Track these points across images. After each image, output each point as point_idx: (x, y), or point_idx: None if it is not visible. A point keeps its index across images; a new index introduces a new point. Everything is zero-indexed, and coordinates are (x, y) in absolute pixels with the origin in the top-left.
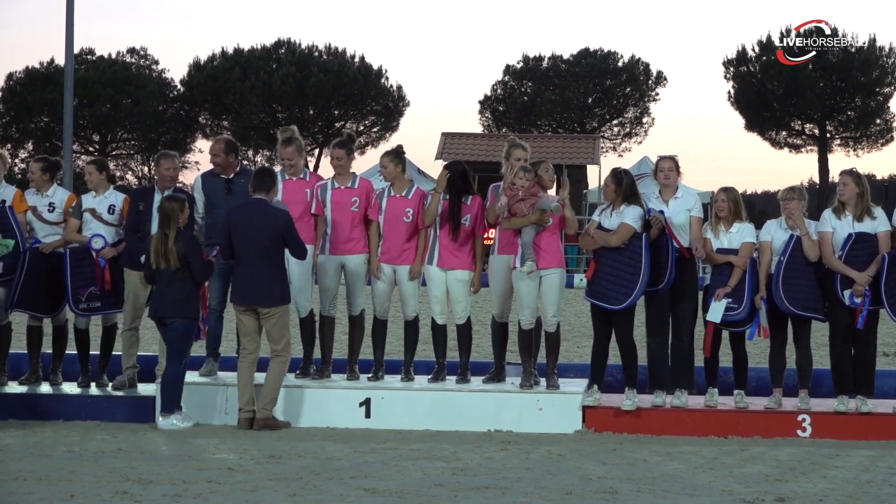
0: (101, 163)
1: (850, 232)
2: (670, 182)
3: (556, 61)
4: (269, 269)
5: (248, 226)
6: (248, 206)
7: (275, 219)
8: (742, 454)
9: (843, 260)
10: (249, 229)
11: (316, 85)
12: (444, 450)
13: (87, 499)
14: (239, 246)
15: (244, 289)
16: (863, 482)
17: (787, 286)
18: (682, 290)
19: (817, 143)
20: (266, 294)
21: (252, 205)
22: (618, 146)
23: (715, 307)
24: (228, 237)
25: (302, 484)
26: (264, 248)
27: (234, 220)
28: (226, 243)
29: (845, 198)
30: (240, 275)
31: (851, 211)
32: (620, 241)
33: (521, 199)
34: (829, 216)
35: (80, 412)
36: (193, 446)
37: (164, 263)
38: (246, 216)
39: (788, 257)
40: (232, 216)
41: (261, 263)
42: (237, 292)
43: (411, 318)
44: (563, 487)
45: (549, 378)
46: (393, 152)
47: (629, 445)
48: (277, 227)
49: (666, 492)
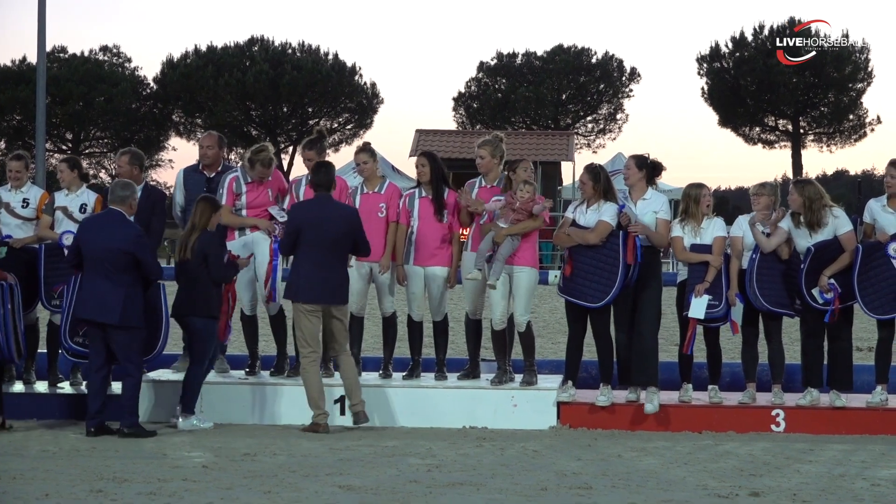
0: (73, 161)
1: (808, 246)
2: (630, 181)
3: (530, 58)
4: (342, 266)
5: (320, 222)
6: (318, 203)
7: (347, 214)
8: (716, 449)
9: (805, 273)
10: (322, 225)
11: (289, 83)
12: (419, 446)
13: (62, 497)
14: (311, 242)
15: (317, 287)
16: (836, 476)
17: (760, 282)
18: (645, 284)
19: (791, 138)
20: (342, 291)
21: (321, 202)
22: (592, 143)
23: (696, 304)
24: (296, 234)
25: (277, 481)
26: (336, 245)
27: (303, 217)
28: (291, 240)
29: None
30: (310, 272)
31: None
32: (599, 238)
33: (515, 209)
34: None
35: (54, 411)
36: (168, 444)
37: (181, 256)
38: (317, 213)
39: (760, 254)
40: (300, 213)
41: (334, 260)
42: (309, 291)
43: (389, 315)
44: (537, 483)
45: (526, 374)
46: (369, 149)
47: (604, 441)
48: (350, 223)
49: (640, 487)
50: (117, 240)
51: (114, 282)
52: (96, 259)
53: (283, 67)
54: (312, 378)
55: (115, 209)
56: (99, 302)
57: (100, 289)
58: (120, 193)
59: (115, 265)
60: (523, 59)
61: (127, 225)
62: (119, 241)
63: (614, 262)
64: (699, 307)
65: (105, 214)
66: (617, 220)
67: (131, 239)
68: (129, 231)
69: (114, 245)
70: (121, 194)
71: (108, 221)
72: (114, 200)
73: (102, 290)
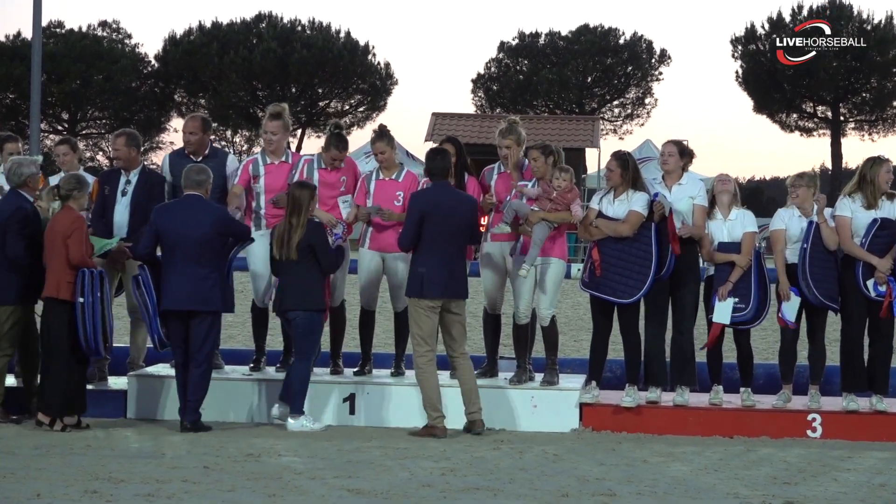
0: (74, 143)
1: (875, 217)
2: (669, 167)
3: (554, 38)
4: (462, 257)
5: (443, 212)
6: (439, 192)
7: (469, 202)
8: (748, 455)
9: (865, 248)
10: (445, 215)
11: (298, 62)
12: (432, 448)
13: (54, 498)
14: (435, 233)
15: (443, 281)
16: (876, 486)
17: (813, 274)
18: (682, 278)
19: (830, 126)
20: (462, 283)
21: (442, 190)
22: (618, 128)
23: (721, 308)
24: (420, 223)
25: (282, 484)
26: (459, 235)
27: (427, 208)
28: (414, 231)
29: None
30: (435, 266)
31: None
32: (632, 230)
33: (552, 199)
34: (847, 202)
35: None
36: (167, 443)
37: (285, 254)
38: (440, 202)
39: (812, 245)
40: (423, 200)
41: (455, 252)
42: (436, 286)
43: (401, 310)
44: (558, 489)
45: (547, 373)
46: (387, 135)
47: (629, 445)
48: (472, 211)
49: (667, 495)
50: (207, 223)
51: (206, 268)
52: (186, 247)
53: (292, 46)
54: (430, 378)
55: (193, 193)
56: (196, 290)
57: (194, 277)
58: (195, 178)
59: (207, 250)
60: (546, 40)
61: (211, 207)
62: (209, 225)
63: (646, 256)
64: (724, 311)
65: (184, 200)
66: (649, 209)
67: (220, 219)
68: (216, 212)
69: (206, 229)
70: (196, 178)
71: (189, 207)
72: (190, 185)
73: (197, 277)
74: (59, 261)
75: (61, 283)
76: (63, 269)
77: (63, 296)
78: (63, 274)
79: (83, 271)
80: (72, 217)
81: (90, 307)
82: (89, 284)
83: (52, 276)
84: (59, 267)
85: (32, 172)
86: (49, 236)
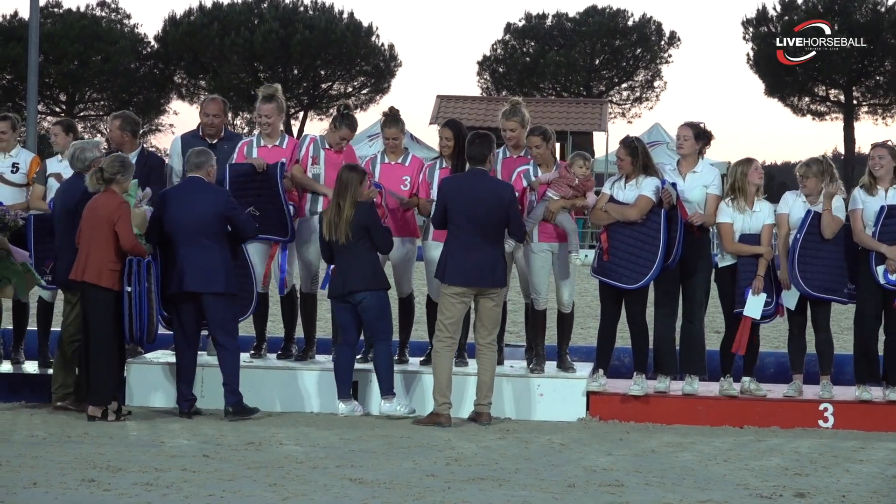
0: (68, 124)
1: (883, 205)
2: (684, 151)
3: (561, 19)
4: (492, 246)
5: (470, 199)
6: (469, 179)
7: (502, 191)
8: (759, 445)
9: (875, 236)
10: (472, 203)
11: (301, 43)
12: (437, 437)
13: (50, 486)
14: (459, 220)
15: (465, 269)
16: (890, 477)
17: (803, 265)
18: (693, 267)
19: (843, 110)
20: (492, 272)
21: (474, 177)
22: (627, 112)
23: (753, 302)
24: (444, 209)
25: (283, 473)
26: (487, 224)
27: (451, 193)
28: (441, 213)
29: (881, 172)
30: (458, 253)
31: (884, 185)
32: (640, 214)
33: (574, 186)
34: (859, 193)
35: (43, 393)
36: (166, 431)
37: (335, 236)
38: (468, 189)
39: (805, 234)
40: (448, 186)
41: (483, 240)
42: (456, 273)
43: (406, 295)
44: (564, 479)
45: (561, 361)
46: (398, 120)
47: (637, 435)
48: (505, 201)
49: (676, 485)
50: (209, 205)
51: (211, 249)
52: (190, 229)
53: (295, 26)
54: (444, 365)
55: (194, 176)
56: (201, 272)
57: (198, 259)
58: (195, 160)
59: (210, 232)
60: (554, 21)
61: (214, 189)
62: (212, 206)
63: (654, 241)
64: (756, 306)
65: (186, 184)
66: (658, 195)
67: (223, 202)
68: (218, 195)
69: (208, 210)
70: (196, 161)
71: (192, 190)
72: (191, 168)
73: (201, 259)
74: (102, 246)
75: (103, 269)
76: (107, 254)
77: (105, 283)
78: (106, 260)
79: (131, 260)
80: (117, 201)
81: (137, 297)
82: (136, 274)
83: (92, 262)
84: (101, 252)
85: (96, 156)
86: (88, 219)
